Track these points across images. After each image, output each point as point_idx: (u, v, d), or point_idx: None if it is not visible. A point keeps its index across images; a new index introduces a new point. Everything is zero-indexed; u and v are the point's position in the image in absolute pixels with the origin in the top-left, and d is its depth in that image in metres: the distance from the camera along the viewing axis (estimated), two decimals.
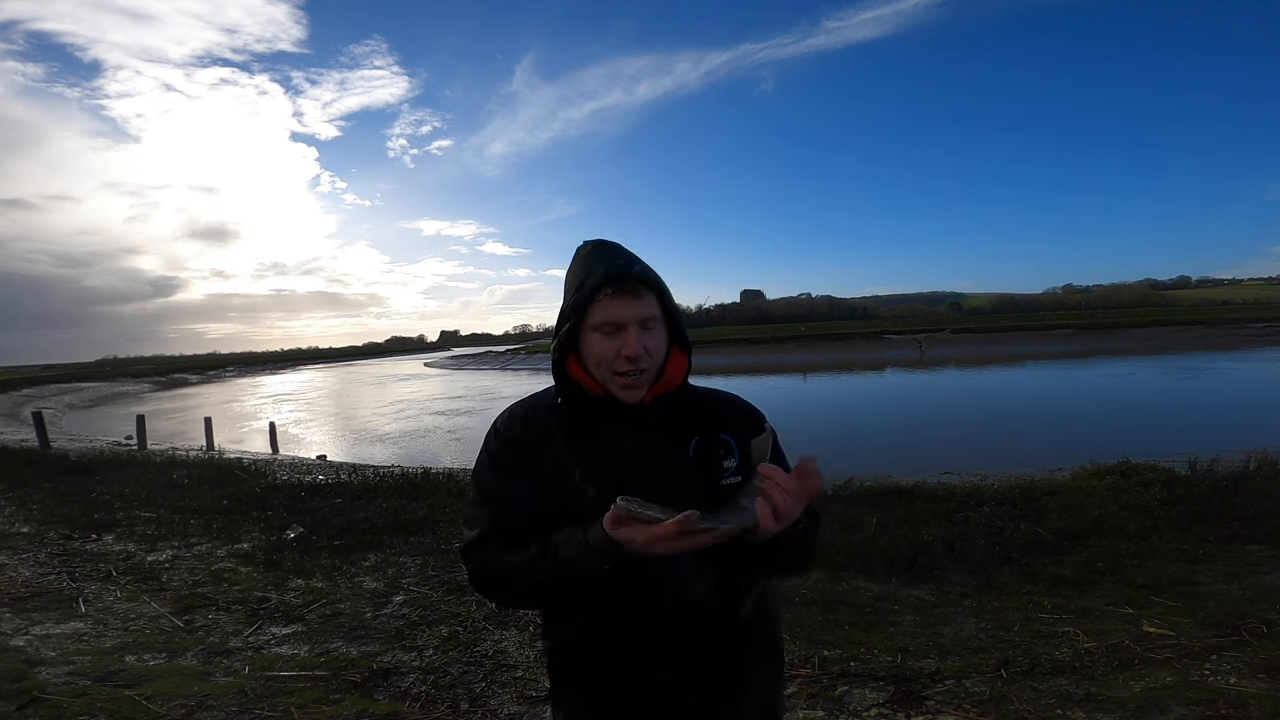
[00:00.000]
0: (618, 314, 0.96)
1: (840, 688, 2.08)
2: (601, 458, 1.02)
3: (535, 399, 1.10)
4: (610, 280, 0.96)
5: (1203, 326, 38.64)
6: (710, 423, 1.06)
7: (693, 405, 1.07)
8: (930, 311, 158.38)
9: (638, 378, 0.98)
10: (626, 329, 0.96)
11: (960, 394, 18.61)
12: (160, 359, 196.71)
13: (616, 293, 0.96)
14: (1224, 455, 5.38)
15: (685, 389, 1.07)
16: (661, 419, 1.03)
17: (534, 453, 1.04)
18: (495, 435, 1.08)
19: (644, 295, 0.98)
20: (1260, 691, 1.90)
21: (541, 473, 1.03)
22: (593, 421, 1.04)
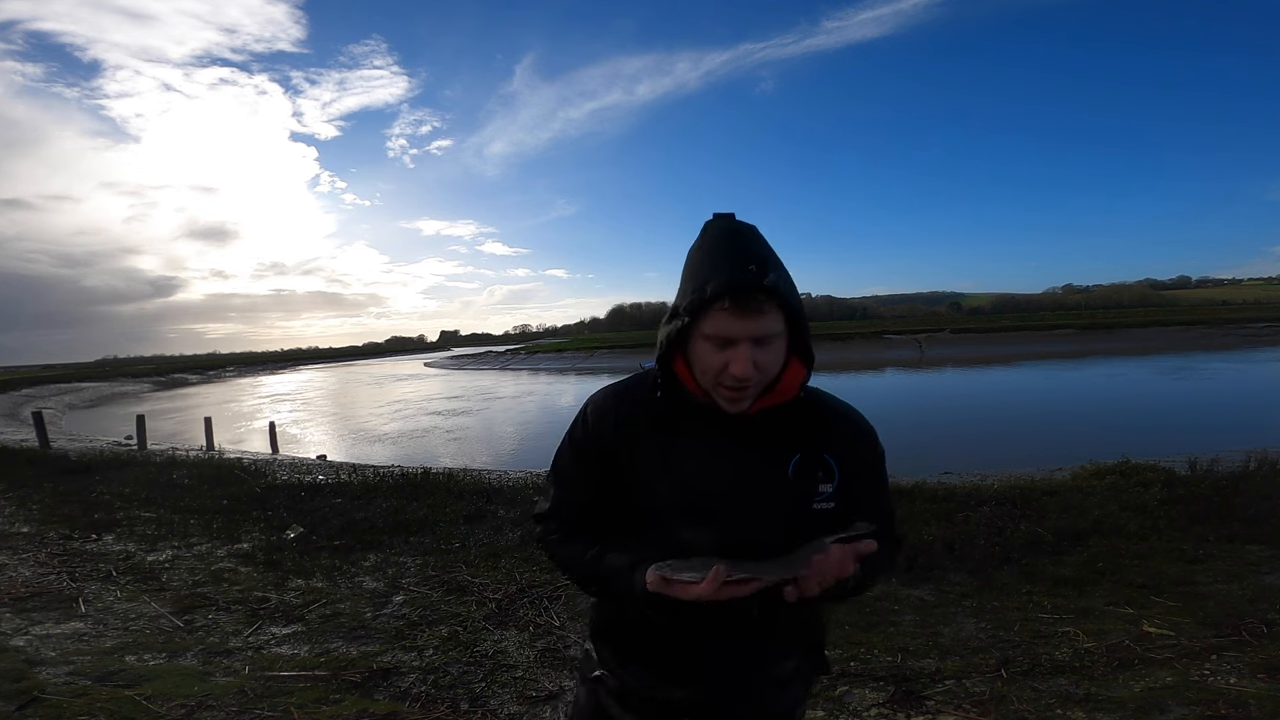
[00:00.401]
0: (732, 330, 0.88)
1: (840, 688, 2.08)
2: (683, 460, 0.98)
3: (631, 387, 1.05)
4: (731, 292, 0.86)
5: (1203, 326, 38.64)
6: (816, 439, 1.00)
7: (802, 417, 1.00)
8: (930, 311, 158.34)
9: (744, 391, 0.92)
10: (738, 345, 0.89)
11: (960, 394, 18.61)
12: (160, 359, 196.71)
13: (737, 307, 0.87)
14: (1224, 455, 5.38)
15: (799, 400, 0.99)
16: (763, 431, 0.98)
17: (615, 443, 1.01)
18: (583, 421, 1.05)
19: (767, 311, 0.88)
20: (1260, 691, 1.90)
21: (617, 463, 1.01)
22: (683, 423, 0.99)
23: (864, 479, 1.02)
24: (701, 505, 0.97)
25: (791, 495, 0.97)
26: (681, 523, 0.98)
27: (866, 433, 1.04)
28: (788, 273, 0.92)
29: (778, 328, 0.90)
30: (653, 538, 0.99)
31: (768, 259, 0.89)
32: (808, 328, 0.95)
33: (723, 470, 0.98)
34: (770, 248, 0.93)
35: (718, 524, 0.96)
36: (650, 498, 0.99)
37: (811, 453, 0.98)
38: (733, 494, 0.97)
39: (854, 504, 1.00)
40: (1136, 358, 26.51)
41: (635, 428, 1.01)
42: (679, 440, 0.99)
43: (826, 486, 0.98)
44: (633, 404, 1.02)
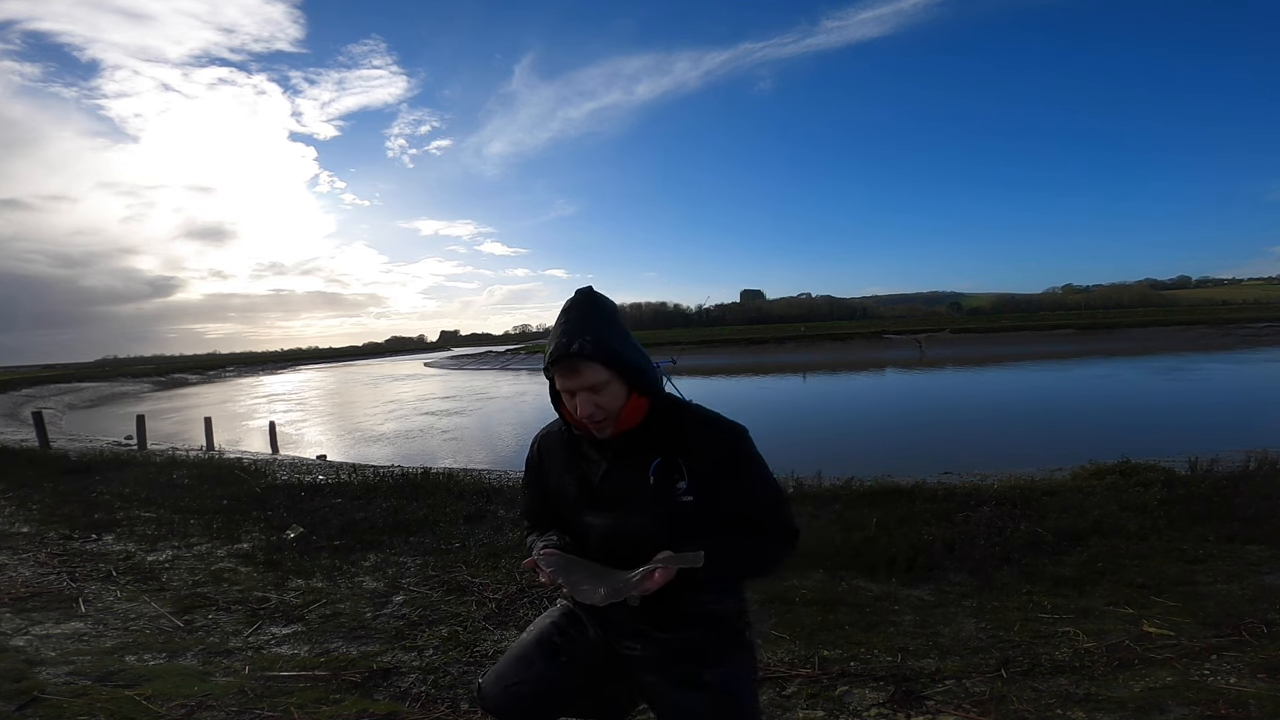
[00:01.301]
0: (568, 385, 1.24)
1: (840, 688, 2.08)
2: (582, 468, 1.36)
3: (553, 425, 1.45)
4: (554, 361, 1.23)
5: (1203, 326, 38.62)
6: (673, 447, 1.29)
7: (662, 431, 1.30)
8: (930, 311, 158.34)
9: (598, 424, 1.26)
10: (577, 394, 1.24)
11: (960, 394, 18.60)
12: (160, 359, 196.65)
13: (560, 370, 1.24)
14: (1224, 455, 5.38)
15: (652, 420, 1.30)
16: (625, 448, 1.30)
17: (544, 462, 1.46)
18: (530, 451, 1.51)
19: (584, 368, 1.21)
20: (1260, 691, 1.90)
21: (547, 476, 1.44)
22: (580, 444, 1.37)
23: (718, 476, 1.27)
24: (595, 500, 1.33)
25: (653, 493, 1.27)
26: (586, 511, 1.35)
27: (719, 438, 1.31)
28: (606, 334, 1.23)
29: (602, 378, 1.23)
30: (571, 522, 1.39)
31: (581, 329, 1.23)
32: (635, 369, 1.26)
33: (601, 473, 1.33)
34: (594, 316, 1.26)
35: (609, 513, 1.32)
36: (563, 495, 1.39)
37: (667, 458, 1.28)
38: (613, 491, 1.31)
39: (714, 497, 1.27)
40: (1136, 358, 26.51)
41: (551, 450, 1.44)
42: (577, 457, 1.37)
43: (681, 484, 1.27)
44: (551, 437, 1.45)
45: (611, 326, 1.26)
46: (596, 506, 1.33)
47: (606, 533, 1.32)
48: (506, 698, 1.32)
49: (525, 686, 1.32)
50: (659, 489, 1.27)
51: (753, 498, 1.29)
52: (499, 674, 1.35)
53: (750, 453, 1.30)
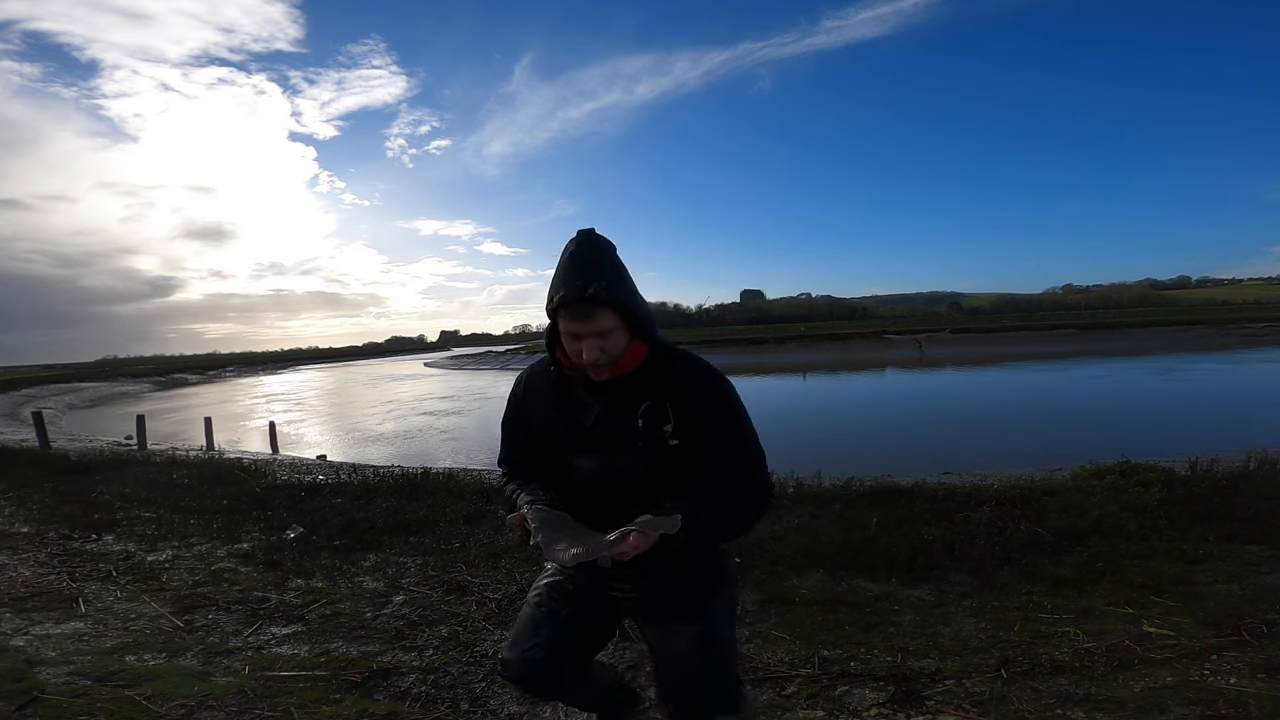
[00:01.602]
0: (576, 329, 1.25)
1: (840, 688, 2.08)
2: (572, 412, 1.38)
3: (538, 364, 1.47)
4: (565, 304, 1.23)
5: (1203, 326, 38.62)
6: (661, 392, 1.33)
7: (653, 377, 1.33)
8: (930, 311, 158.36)
9: (599, 368, 1.28)
10: (584, 338, 1.25)
11: (960, 394, 18.60)
12: (160, 359, 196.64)
13: (571, 315, 1.24)
14: (1224, 455, 5.37)
15: (647, 365, 1.33)
16: (619, 392, 1.33)
17: (530, 401, 1.47)
18: (513, 389, 1.53)
19: (597, 314, 1.23)
20: (1260, 691, 1.90)
21: (533, 415, 1.47)
22: (571, 385, 1.39)
23: (702, 421, 1.32)
24: (585, 441, 1.37)
25: (642, 435, 1.32)
26: (573, 452, 1.39)
27: (707, 386, 1.35)
28: (618, 279, 1.25)
29: (611, 323, 1.25)
30: (556, 464, 1.42)
31: (594, 273, 1.22)
32: (642, 316, 1.30)
33: (594, 416, 1.35)
34: (604, 260, 1.25)
35: (598, 455, 1.36)
36: (550, 436, 1.42)
37: (656, 403, 1.32)
38: (601, 433, 1.35)
39: (700, 441, 1.31)
40: (1136, 358, 26.50)
41: (540, 392, 1.44)
42: (568, 398, 1.39)
43: (668, 427, 1.31)
44: (537, 376, 1.46)
45: (621, 272, 1.28)
46: (586, 448, 1.37)
47: (594, 474, 1.37)
48: (524, 665, 1.42)
49: (539, 651, 1.42)
50: (646, 432, 1.31)
51: (732, 449, 1.34)
52: (513, 644, 1.46)
53: (736, 404, 1.37)
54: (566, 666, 1.47)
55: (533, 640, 1.43)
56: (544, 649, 1.42)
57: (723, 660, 1.45)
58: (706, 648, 1.42)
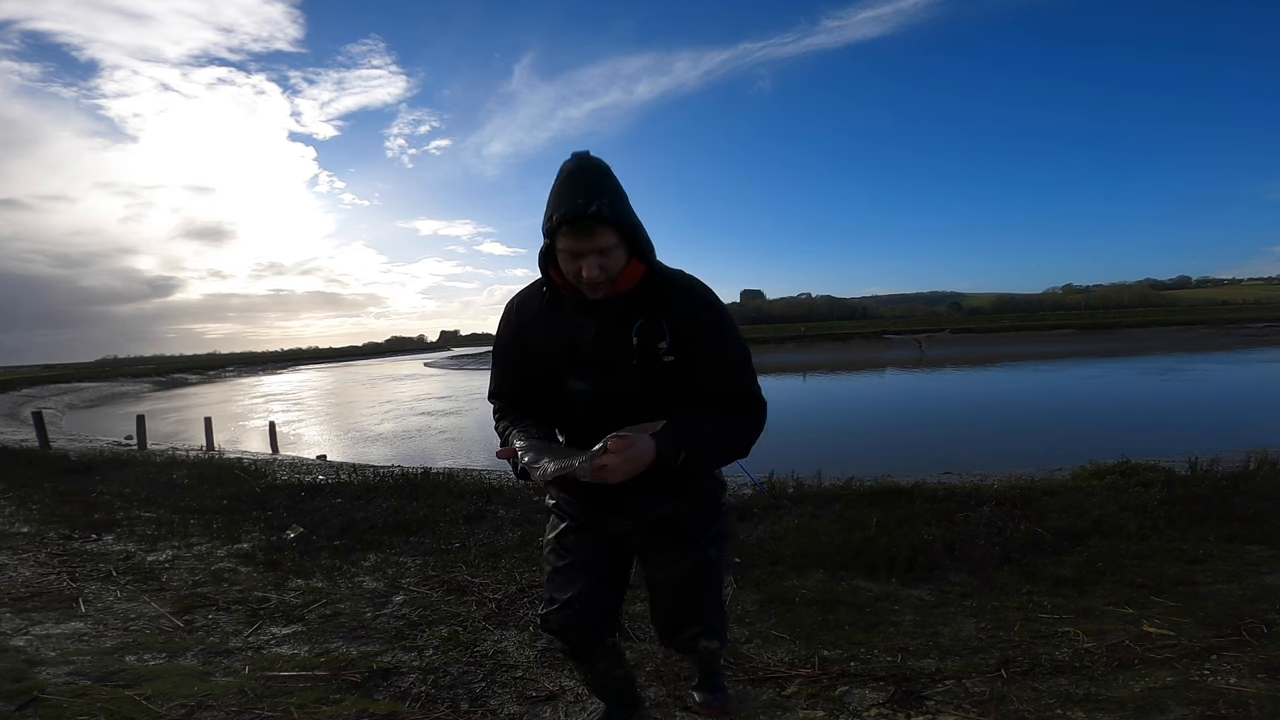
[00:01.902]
0: (576, 247, 1.24)
1: (840, 688, 2.08)
2: (567, 333, 1.38)
3: (532, 286, 1.46)
4: (567, 221, 1.21)
5: (1203, 326, 38.63)
6: (656, 309, 1.33)
7: (648, 295, 1.33)
8: (930, 311, 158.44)
9: (596, 287, 1.28)
10: (584, 256, 1.24)
11: (960, 394, 18.59)
12: (160, 359, 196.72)
13: (573, 232, 1.22)
14: (1224, 455, 5.38)
15: (643, 284, 1.33)
16: (615, 311, 1.33)
17: (523, 327, 1.45)
18: (503, 315, 1.50)
19: (599, 232, 1.22)
20: (1260, 691, 1.90)
21: (525, 341, 1.44)
22: (564, 307, 1.38)
23: (697, 336, 1.33)
24: (578, 359, 1.36)
25: (636, 352, 1.32)
26: (567, 373, 1.38)
27: (698, 301, 1.36)
28: (617, 199, 1.24)
29: (611, 241, 1.24)
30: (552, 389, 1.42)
31: (596, 192, 1.21)
32: (640, 235, 1.29)
33: (589, 336, 1.35)
34: (604, 180, 1.23)
35: (595, 375, 1.36)
36: (545, 357, 1.41)
37: (650, 319, 1.32)
38: (597, 352, 1.34)
39: (694, 356, 1.33)
40: (1136, 358, 26.50)
41: (533, 315, 1.43)
42: (561, 320, 1.38)
43: (662, 344, 1.32)
44: (529, 300, 1.45)
45: (621, 192, 1.27)
46: (581, 369, 1.37)
47: (590, 395, 1.38)
48: (563, 617, 1.52)
49: (574, 601, 1.51)
50: (641, 348, 1.32)
51: (724, 364, 1.36)
52: (548, 600, 1.56)
53: (729, 322, 1.39)
54: (601, 611, 1.55)
55: (566, 592, 1.52)
56: (577, 598, 1.50)
57: (711, 589, 1.55)
58: (697, 576, 1.51)
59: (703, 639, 1.57)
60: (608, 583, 1.57)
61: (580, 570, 1.52)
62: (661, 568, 1.53)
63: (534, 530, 3.92)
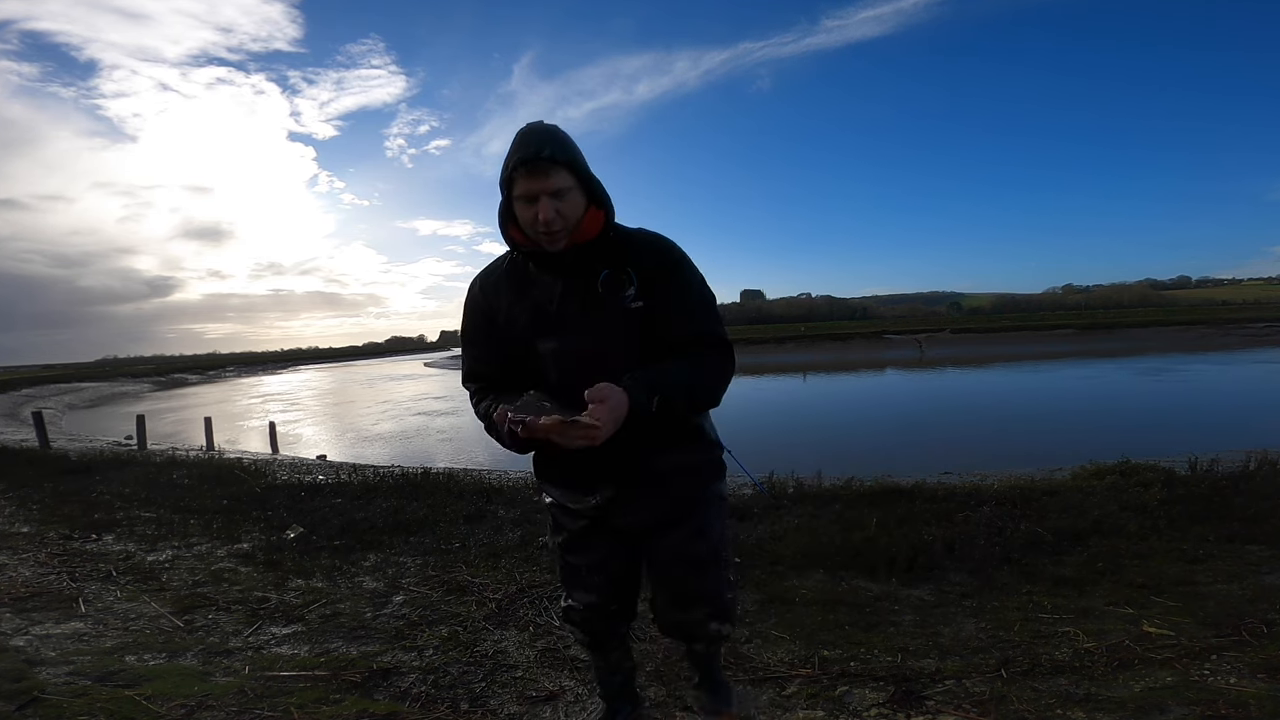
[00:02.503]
0: (530, 189, 1.24)
1: (840, 688, 2.08)
2: (532, 294, 1.37)
3: (494, 262, 1.47)
4: (522, 163, 1.23)
5: (1203, 326, 38.64)
6: (620, 259, 1.33)
7: (610, 246, 1.34)
8: (930, 311, 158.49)
9: (554, 235, 1.26)
10: (539, 199, 1.24)
11: (960, 394, 18.60)
12: (160, 359, 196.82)
13: (528, 172, 1.23)
14: (1224, 455, 5.38)
15: (605, 235, 1.33)
16: (579, 261, 1.33)
17: (487, 301, 1.43)
18: (467, 295, 1.50)
19: (554, 172, 1.23)
20: (1260, 691, 1.90)
21: (492, 314, 1.43)
22: (528, 269, 1.38)
23: (663, 281, 1.34)
24: (548, 321, 1.35)
25: (604, 301, 1.32)
26: (539, 337, 1.36)
27: (661, 248, 1.37)
28: (571, 148, 1.26)
29: (566, 183, 1.25)
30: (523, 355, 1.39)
31: (548, 140, 1.24)
32: (595, 183, 1.30)
33: (554, 291, 1.35)
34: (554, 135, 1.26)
35: (563, 332, 1.34)
36: (513, 326, 1.39)
37: (615, 268, 1.33)
38: (565, 307, 1.34)
39: (660, 301, 1.33)
40: (1136, 358, 26.50)
41: (494, 285, 1.43)
42: (525, 282, 1.38)
43: (629, 290, 1.32)
44: (490, 273, 1.45)
45: (575, 146, 1.29)
46: (551, 329, 1.35)
47: (561, 354, 1.36)
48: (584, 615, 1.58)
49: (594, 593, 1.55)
50: (608, 297, 1.32)
51: (690, 306, 1.36)
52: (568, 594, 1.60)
53: (691, 266, 1.39)
54: (620, 604, 1.58)
55: (584, 583, 1.55)
56: (596, 589, 1.54)
57: (717, 564, 1.50)
58: (699, 547, 1.48)
59: (711, 621, 1.51)
60: (623, 577, 1.57)
61: (597, 566, 1.53)
62: (657, 551, 1.49)
63: (534, 530, 3.92)
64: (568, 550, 1.56)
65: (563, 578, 1.61)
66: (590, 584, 1.55)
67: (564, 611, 1.62)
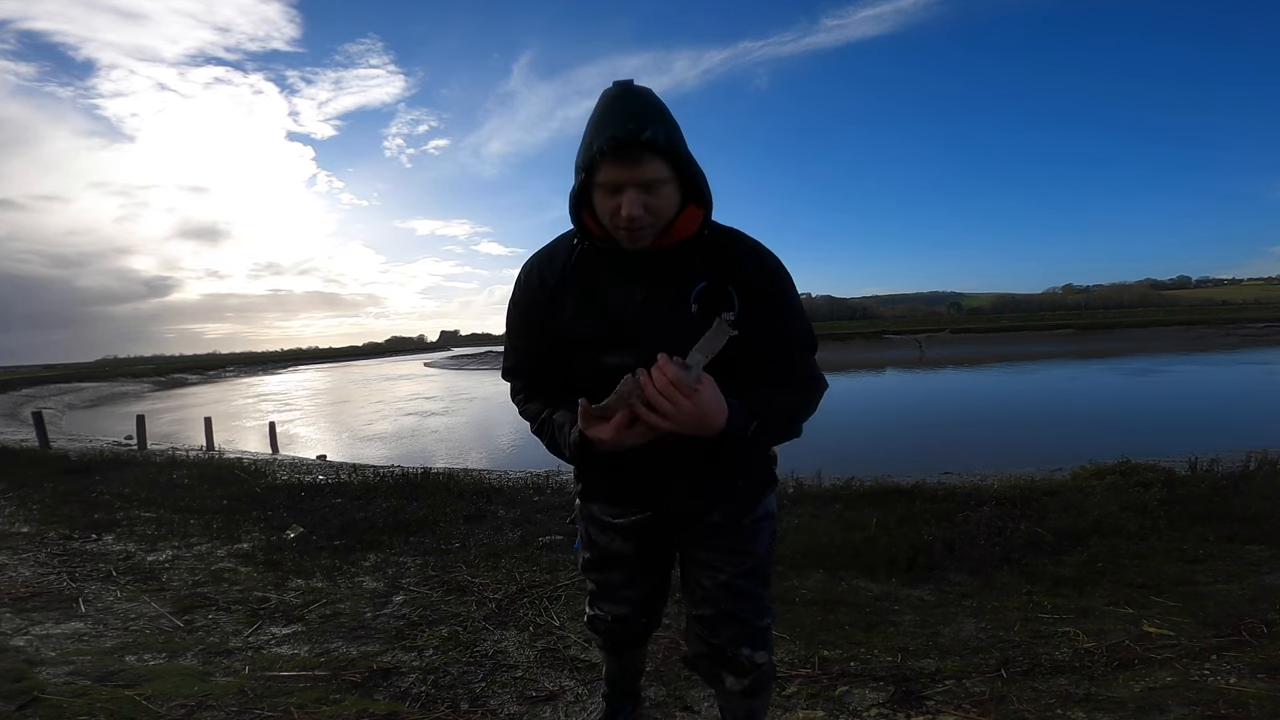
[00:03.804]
0: (617, 178, 1.02)
1: (840, 688, 2.08)
2: (602, 297, 1.15)
3: (555, 243, 1.23)
4: (611, 148, 1.00)
5: (1202, 326, 38.66)
6: (717, 270, 1.13)
7: (708, 253, 1.13)
8: (930, 311, 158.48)
9: (637, 233, 1.06)
10: (626, 190, 1.02)
11: (960, 394, 18.60)
12: (160, 359, 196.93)
13: (615, 161, 1.01)
14: (1224, 455, 5.38)
15: (702, 238, 1.12)
16: (666, 266, 1.12)
17: (547, 294, 1.20)
18: (518, 282, 1.25)
19: (646, 161, 1.01)
20: (1260, 691, 1.90)
21: (550, 310, 1.19)
22: (600, 265, 1.15)
23: (764, 308, 1.14)
24: (619, 332, 1.13)
25: (694, 321, 1.09)
26: (605, 349, 1.14)
27: (768, 266, 1.16)
28: (671, 129, 1.03)
29: (661, 174, 1.03)
30: (582, 365, 1.18)
31: (647, 117, 1.01)
32: (697, 174, 1.07)
33: (633, 300, 1.13)
34: (655, 107, 1.03)
35: (636, 347, 1.11)
36: (577, 330, 1.16)
37: (714, 284, 1.12)
38: (643, 319, 1.12)
39: (758, 332, 1.13)
40: (1136, 358, 26.50)
41: (557, 277, 1.18)
42: (596, 281, 1.15)
43: (729, 314, 1.07)
44: (552, 259, 1.20)
45: (676, 123, 1.06)
46: (624, 344, 1.13)
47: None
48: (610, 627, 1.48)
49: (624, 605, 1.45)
50: (702, 319, 1.08)
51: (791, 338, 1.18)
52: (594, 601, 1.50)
53: (794, 288, 1.20)
54: (649, 613, 1.49)
55: (614, 597, 1.45)
56: (626, 602, 1.44)
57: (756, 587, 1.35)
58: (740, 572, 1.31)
59: (745, 647, 1.30)
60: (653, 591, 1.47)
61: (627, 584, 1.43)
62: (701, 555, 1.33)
63: (534, 530, 3.92)
64: (599, 567, 1.44)
65: (591, 589, 1.51)
66: (621, 598, 1.45)
67: (589, 620, 1.52)
